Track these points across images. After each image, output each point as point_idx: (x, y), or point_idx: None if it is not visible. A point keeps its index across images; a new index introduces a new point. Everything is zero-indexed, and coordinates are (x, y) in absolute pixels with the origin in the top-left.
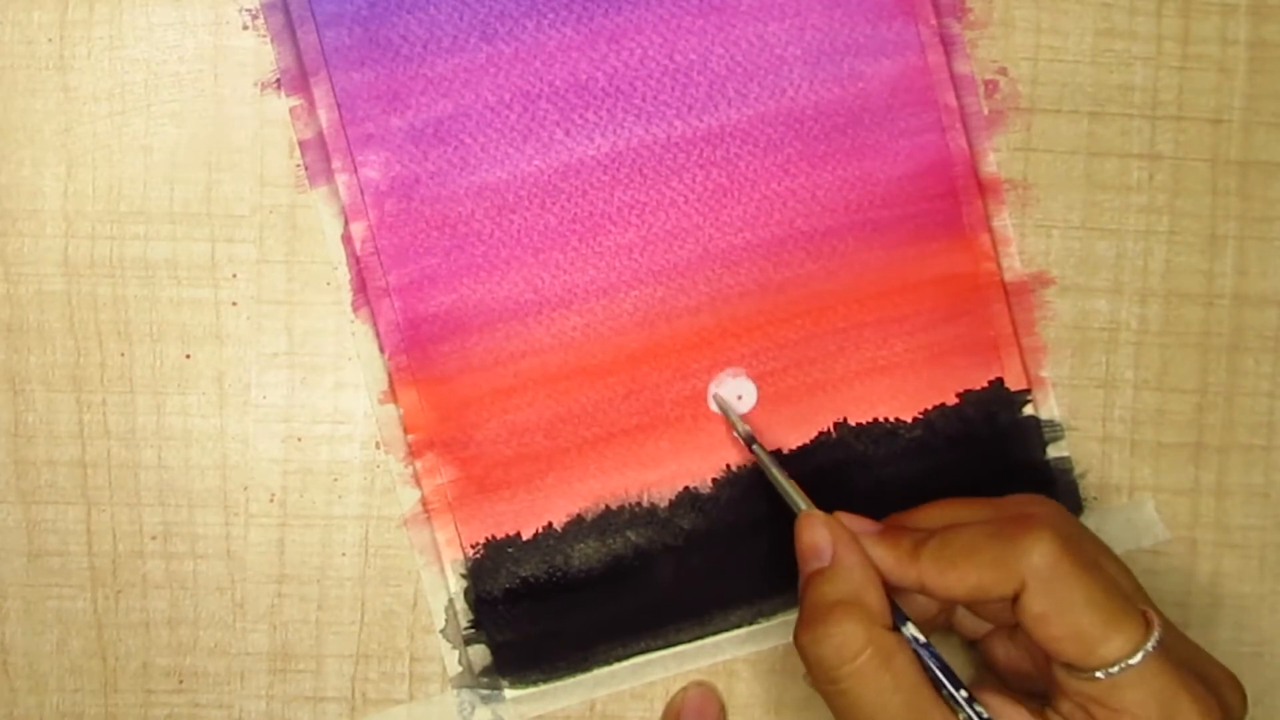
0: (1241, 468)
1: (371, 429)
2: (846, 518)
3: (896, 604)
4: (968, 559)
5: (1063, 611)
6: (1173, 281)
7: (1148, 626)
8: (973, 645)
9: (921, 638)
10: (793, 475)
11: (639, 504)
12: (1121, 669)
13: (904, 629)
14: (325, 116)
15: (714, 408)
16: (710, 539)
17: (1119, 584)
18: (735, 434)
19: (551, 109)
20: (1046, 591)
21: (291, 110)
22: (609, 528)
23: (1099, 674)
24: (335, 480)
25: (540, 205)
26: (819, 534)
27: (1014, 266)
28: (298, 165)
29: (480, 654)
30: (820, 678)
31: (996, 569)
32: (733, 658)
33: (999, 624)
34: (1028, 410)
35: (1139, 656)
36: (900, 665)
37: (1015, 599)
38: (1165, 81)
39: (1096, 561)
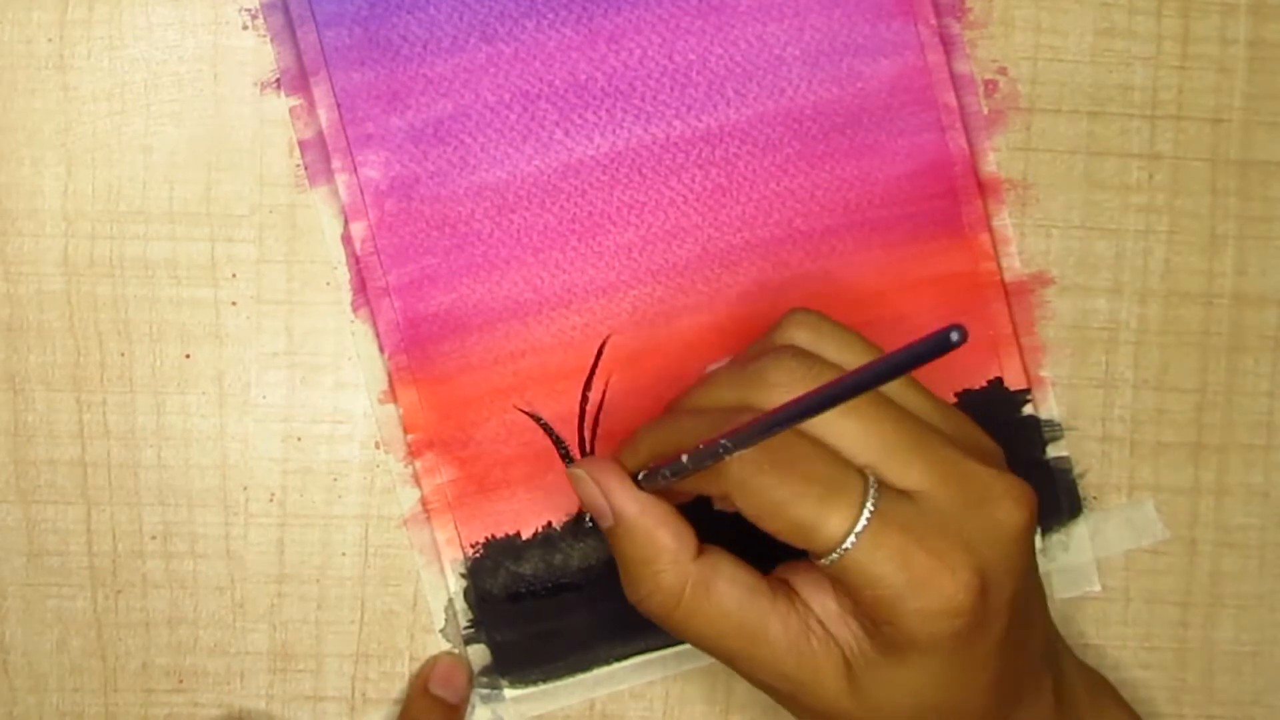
0: (1241, 467)
1: (371, 429)
2: (604, 460)
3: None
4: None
5: (771, 511)
6: (1172, 281)
7: (862, 500)
8: None
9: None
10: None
11: None
12: (840, 555)
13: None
14: (325, 116)
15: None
16: (710, 539)
17: (816, 466)
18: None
19: (551, 109)
20: (746, 495)
21: (291, 110)
22: None
23: (823, 562)
24: (335, 480)
25: (540, 205)
26: (587, 491)
27: (1013, 266)
28: (297, 165)
29: (480, 653)
30: (665, 628)
31: (706, 477)
32: None
33: None
34: (1027, 410)
35: (850, 541)
36: (720, 589)
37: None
38: (1165, 81)
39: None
